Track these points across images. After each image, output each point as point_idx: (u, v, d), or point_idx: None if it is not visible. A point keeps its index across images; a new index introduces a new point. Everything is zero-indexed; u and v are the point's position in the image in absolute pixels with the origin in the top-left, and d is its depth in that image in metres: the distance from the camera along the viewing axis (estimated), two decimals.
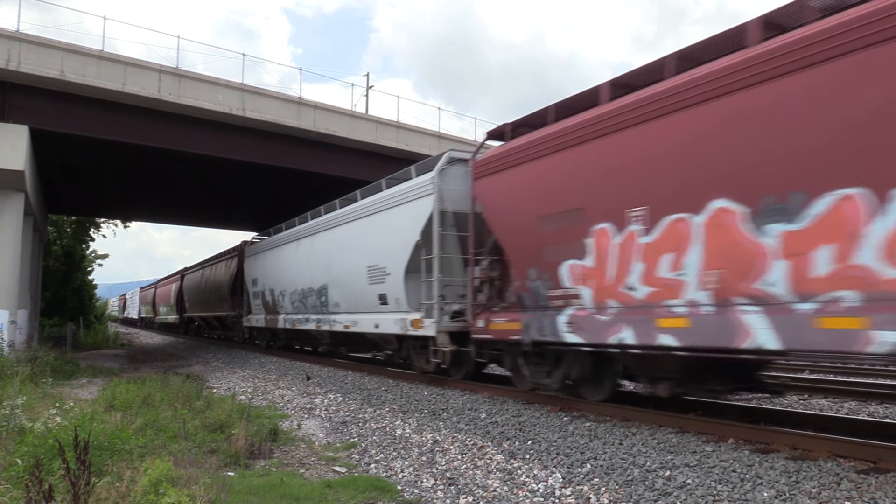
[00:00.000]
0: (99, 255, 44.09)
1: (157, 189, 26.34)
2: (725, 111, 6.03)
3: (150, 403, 8.96)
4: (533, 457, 6.35)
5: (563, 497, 5.18)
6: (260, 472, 6.24)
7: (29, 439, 5.28)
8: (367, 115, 22.50)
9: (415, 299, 11.31)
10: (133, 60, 17.17)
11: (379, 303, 12.50)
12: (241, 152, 19.46)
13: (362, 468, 6.59)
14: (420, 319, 10.98)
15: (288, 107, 19.79)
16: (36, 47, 15.67)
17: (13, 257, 16.17)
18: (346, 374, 13.68)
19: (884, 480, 4.76)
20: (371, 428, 8.42)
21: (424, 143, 22.51)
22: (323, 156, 20.91)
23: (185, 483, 4.72)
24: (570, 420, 7.66)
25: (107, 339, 33.93)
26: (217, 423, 7.84)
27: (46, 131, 16.15)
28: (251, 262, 22.41)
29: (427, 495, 5.51)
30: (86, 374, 15.36)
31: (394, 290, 11.94)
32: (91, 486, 4.04)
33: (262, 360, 18.46)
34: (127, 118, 17.29)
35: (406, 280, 11.44)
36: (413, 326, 11.24)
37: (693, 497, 4.82)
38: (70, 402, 8.27)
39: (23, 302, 18.07)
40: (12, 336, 15.55)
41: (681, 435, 6.56)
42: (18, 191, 16.10)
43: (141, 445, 6.05)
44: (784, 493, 4.70)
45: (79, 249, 38.41)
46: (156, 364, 19.62)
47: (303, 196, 22.67)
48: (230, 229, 40.17)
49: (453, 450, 6.89)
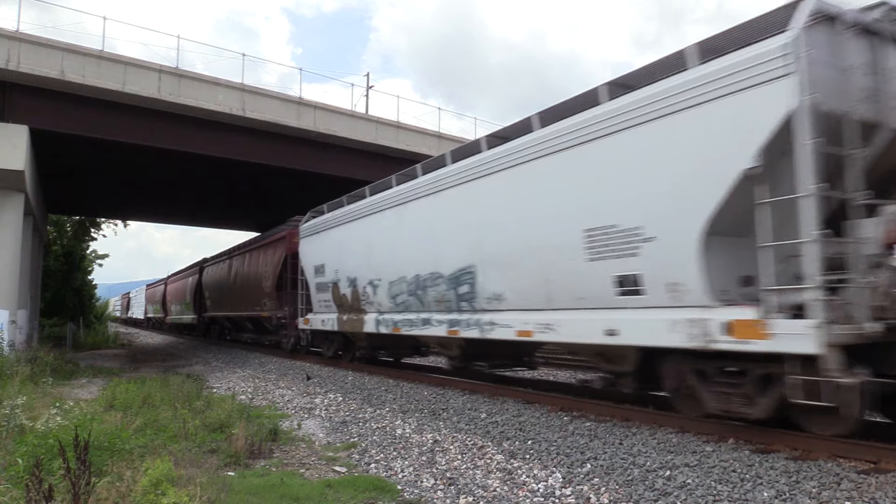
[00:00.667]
0: (99, 255, 44.15)
1: (157, 189, 26.34)
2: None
3: (150, 403, 8.96)
4: (533, 457, 6.35)
5: (564, 497, 5.18)
6: (260, 472, 6.24)
7: (29, 439, 5.28)
8: (367, 115, 22.51)
9: (719, 283, 6.39)
10: (133, 60, 17.17)
11: (615, 292, 7.35)
12: (241, 152, 19.46)
13: (362, 468, 6.58)
14: (761, 321, 5.74)
15: (288, 107, 19.80)
16: (36, 47, 15.67)
17: (13, 257, 16.16)
18: (346, 374, 13.69)
19: (884, 481, 4.75)
20: (371, 428, 8.42)
21: (424, 143, 22.52)
22: (323, 156, 20.92)
23: (185, 483, 4.72)
24: (571, 420, 7.66)
25: (107, 339, 33.94)
26: (217, 423, 7.84)
27: (46, 131, 16.15)
28: (310, 243, 16.62)
29: (427, 495, 5.51)
30: (86, 374, 15.36)
31: (666, 268, 6.74)
32: (91, 486, 4.04)
33: (262, 360, 18.46)
34: (127, 118, 17.29)
35: (707, 248, 6.33)
36: (734, 334, 6.00)
37: (693, 497, 4.82)
38: (70, 401, 8.27)
39: (23, 302, 18.06)
40: (12, 336, 15.54)
41: (681, 435, 6.56)
42: (18, 191, 16.09)
43: (141, 445, 6.05)
44: (784, 493, 4.70)
45: (79, 249, 38.44)
46: (156, 364, 19.61)
47: (303, 196, 22.68)
48: (230, 229, 40.18)
49: (453, 450, 6.89)
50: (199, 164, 20.49)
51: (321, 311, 16.03)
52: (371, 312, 13.26)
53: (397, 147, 21.91)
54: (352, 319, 14.08)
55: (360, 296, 13.61)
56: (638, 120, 6.92)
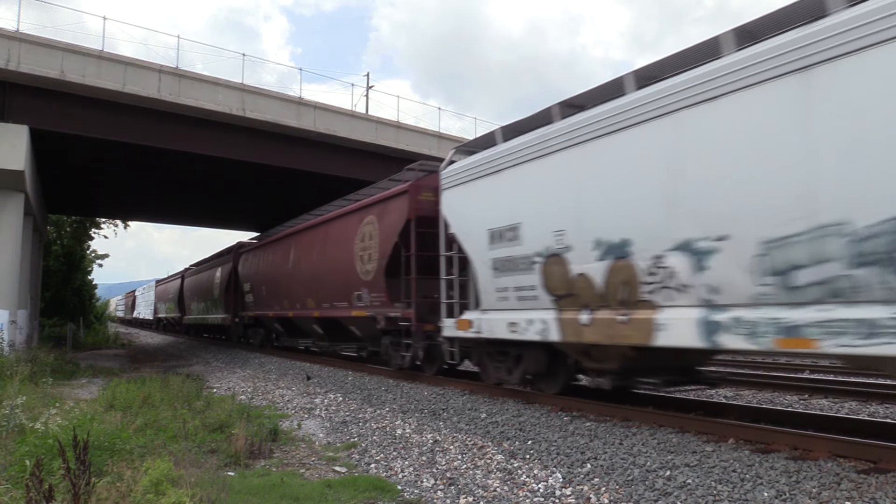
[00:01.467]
0: (99, 255, 44.14)
1: (157, 189, 26.34)
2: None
3: (150, 403, 8.96)
4: (533, 457, 6.35)
5: (564, 497, 5.18)
6: (260, 472, 6.24)
7: (29, 439, 5.28)
8: (366, 115, 22.55)
9: None
10: (133, 60, 17.19)
11: None
12: (241, 152, 19.47)
13: (362, 468, 6.59)
14: None
15: (288, 107, 19.81)
16: (36, 47, 15.68)
17: (13, 257, 16.16)
18: (346, 374, 13.68)
19: (884, 480, 4.75)
20: (371, 428, 8.42)
21: (424, 144, 22.54)
22: (323, 156, 20.93)
23: (185, 483, 4.72)
24: (571, 420, 7.66)
25: (107, 339, 33.96)
26: (217, 423, 7.84)
27: (46, 131, 16.17)
28: (474, 193, 9.89)
29: (427, 495, 5.51)
30: (86, 374, 15.36)
31: None
32: (91, 486, 4.04)
33: (262, 360, 18.45)
34: (127, 118, 17.30)
35: None
36: None
37: (693, 497, 4.82)
38: (70, 402, 8.29)
39: (23, 302, 18.06)
40: (12, 336, 15.55)
41: (681, 435, 6.56)
42: (18, 191, 16.10)
43: (141, 445, 6.05)
44: (784, 493, 4.70)
45: (79, 249, 38.45)
46: (156, 364, 19.62)
47: (303, 196, 22.69)
48: (230, 229, 40.23)
49: (453, 450, 6.90)
50: (199, 164, 20.49)
51: (501, 307, 9.25)
52: (681, 306, 6.65)
53: (397, 147, 21.92)
54: (606, 322, 7.44)
55: (646, 274, 7.01)
56: None
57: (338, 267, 14.55)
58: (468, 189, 9.94)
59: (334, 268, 14.80)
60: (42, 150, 17.05)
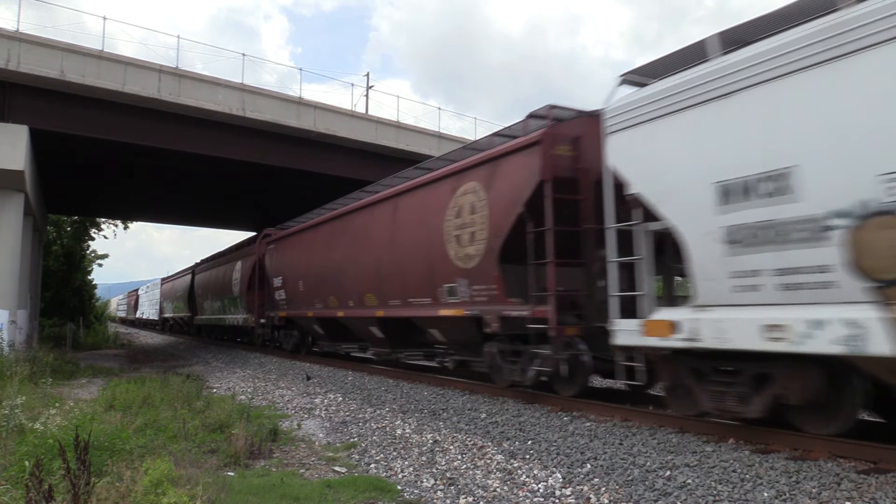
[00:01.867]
0: (99, 256, 44.17)
1: (157, 189, 26.36)
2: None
3: (150, 403, 8.96)
4: (533, 457, 6.35)
5: (564, 497, 5.18)
6: (260, 472, 6.24)
7: (29, 439, 5.28)
8: (367, 115, 22.55)
9: None
10: (133, 60, 17.19)
11: None
12: (241, 152, 19.48)
13: (362, 468, 6.59)
14: None
15: (288, 107, 19.82)
16: (36, 47, 15.69)
17: (13, 257, 16.17)
18: (345, 374, 13.68)
19: (884, 481, 4.76)
20: (371, 428, 8.42)
21: (424, 143, 22.54)
22: (323, 156, 20.94)
23: (185, 483, 4.72)
24: (571, 420, 7.66)
25: (107, 339, 33.96)
26: (217, 423, 7.84)
27: (46, 131, 16.17)
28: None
29: (427, 495, 5.51)
30: (86, 374, 15.35)
31: None
32: (91, 486, 4.04)
33: (262, 360, 18.45)
34: (127, 118, 17.31)
35: None
36: None
37: (693, 497, 4.82)
38: (70, 402, 8.29)
39: (23, 302, 18.07)
40: (12, 336, 15.55)
41: (681, 435, 6.56)
42: (18, 191, 16.11)
43: (141, 445, 6.06)
44: (784, 493, 4.70)
45: (79, 249, 38.46)
46: (156, 364, 19.61)
47: (303, 196, 22.70)
48: (230, 229, 40.22)
49: (453, 450, 6.89)
50: (200, 164, 20.51)
51: (742, 302, 6.07)
52: None
53: (397, 147, 21.93)
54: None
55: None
56: None
57: (417, 253, 11.20)
58: (666, 126, 6.77)
59: (410, 255, 11.44)
60: (42, 150, 17.05)
